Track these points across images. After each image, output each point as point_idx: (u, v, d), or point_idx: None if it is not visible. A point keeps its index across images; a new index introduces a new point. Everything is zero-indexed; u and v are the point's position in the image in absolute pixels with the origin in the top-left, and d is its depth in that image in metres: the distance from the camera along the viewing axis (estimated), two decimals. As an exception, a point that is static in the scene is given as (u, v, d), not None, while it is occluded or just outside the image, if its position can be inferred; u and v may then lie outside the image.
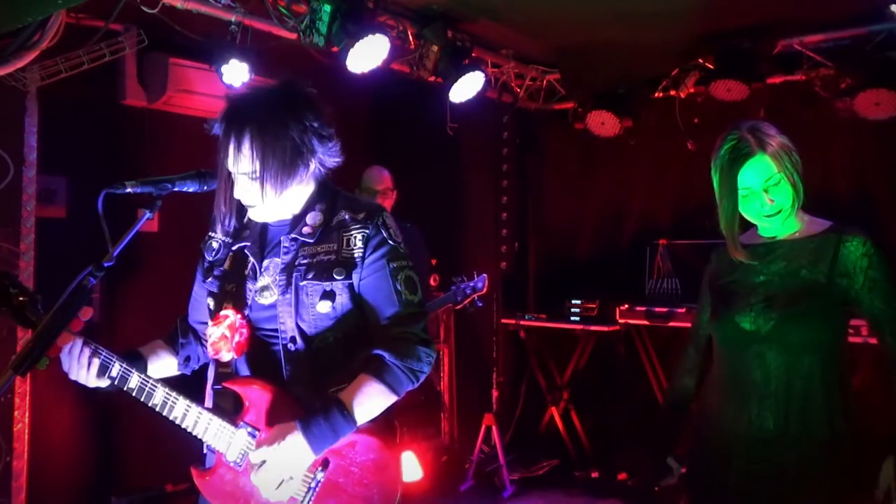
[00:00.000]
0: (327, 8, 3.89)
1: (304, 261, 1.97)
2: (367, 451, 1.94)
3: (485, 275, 4.31)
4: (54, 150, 3.87)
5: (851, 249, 2.04)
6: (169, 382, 1.97)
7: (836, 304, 2.06)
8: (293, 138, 1.92)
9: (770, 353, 2.06)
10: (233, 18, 3.88)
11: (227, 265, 2.06)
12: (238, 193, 1.98)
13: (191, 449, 2.09)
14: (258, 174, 1.91)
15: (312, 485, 1.90)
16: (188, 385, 2.07)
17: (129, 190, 1.83)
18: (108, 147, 4.23)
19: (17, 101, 3.65)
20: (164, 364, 2.14)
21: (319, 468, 1.91)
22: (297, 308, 1.94)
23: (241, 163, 1.92)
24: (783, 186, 2.07)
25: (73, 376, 1.93)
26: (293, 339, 1.95)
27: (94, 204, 1.71)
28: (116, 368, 1.92)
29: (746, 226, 2.21)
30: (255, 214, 2.01)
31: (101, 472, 4.23)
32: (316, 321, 1.95)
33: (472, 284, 4.28)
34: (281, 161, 1.91)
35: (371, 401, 1.89)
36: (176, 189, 1.90)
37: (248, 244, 2.05)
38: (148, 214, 1.83)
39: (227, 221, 2.07)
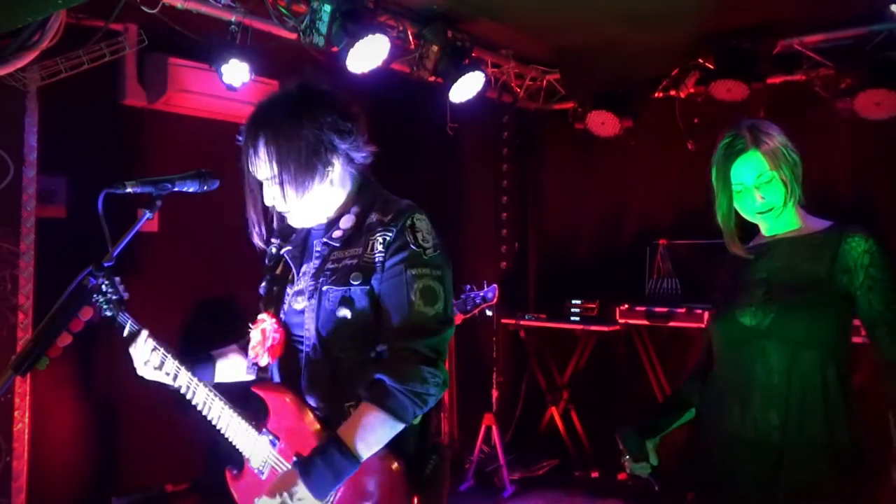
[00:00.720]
0: (327, 8, 3.89)
1: (331, 266, 1.93)
2: (378, 473, 1.83)
3: (495, 285, 4.29)
4: (54, 150, 3.87)
5: (853, 245, 2.02)
6: (235, 386, 2.03)
7: (836, 299, 2.03)
8: (307, 137, 1.88)
9: (771, 348, 2.03)
10: (233, 18, 3.88)
11: (277, 270, 2.08)
12: (267, 201, 1.96)
13: (191, 450, 2.10)
14: (277, 178, 1.89)
15: None
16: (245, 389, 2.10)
17: (129, 190, 1.83)
18: (108, 147, 4.23)
19: (17, 101, 3.64)
20: (233, 365, 2.16)
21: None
22: (318, 314, 1.90)
23: (261, 169, 1.92)
24: (775, 185, 2.07)
25: (140, 371, 2.03)
26: (314, 347, 1.90)
27: (94, 204, 1.72)
28: (170, 365, 1.98)
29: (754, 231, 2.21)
30: (293, 220, 1.99)
31: (101, 472, 4.23)
32: (336, 328, 1.88)
33: (482, 294, 4.25)
34: (297, 162, 1.87)
35: (374, 433, 1.78)
36: (176, 189, 1.90)
37: (290, 248, 2.05)
38: (148, 214, 1.83)
39: (259, 229, 2.05)
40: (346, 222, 1.96)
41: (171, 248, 4.34)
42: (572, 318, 5.69)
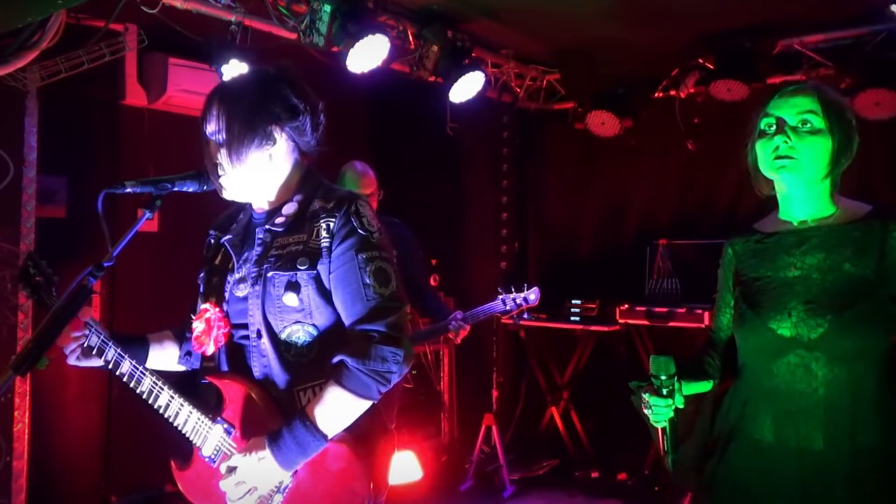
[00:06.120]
0: (327, 8, 3.89)
1: (275, 252, 1.93)
2: (337, 460, 1.87)
3: (537, 288, 4.15)
4: (54, 150, 3.87)
5: None
6: (177, 375, 2.00)
7: (888, 305, 1.76)
8: (255, 98, 1.92)
9: (815, 363, 1.78)
10: (233, 18, 3.88)
11: (216, 260, 2.08)
12: (207, 159, 1.97)
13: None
14: (223, 134, 1.91)
15: (280, 491, 1.88)
16: (191, 380, 2.09)
17: (128, 190, 1.83)
18: (108, 147, 4.23)
19: (17, 101, 3.65)
20: (166, 354, 2.15)
21: (288, 474, 1.88)
22: (263, 300, 1.91)
23: (210, 123, 1.94)
24: (816, 139, 1.78)
25: (65, 348, 1.96)
26: (258, 333, 1.92)
27: (94, 204, 1.72)
28: (111, 353, 1.95)
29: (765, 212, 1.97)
30: (227, 191, 1.98)
31: (101, 472, 4.23)
32: (283, 314, 1.90)
33: (523, 296, 4.14)
34: (241, 121, 1.89)
35: (338, 410, 1.83)
36: (176, 189, 1.90)
37: (231, 237, 2.05)
38: (148, 214, 1.84)
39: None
40: (289, 209, 1.97)
41: (171, 248, 4.34)
42: (572, 319, 5.68)
